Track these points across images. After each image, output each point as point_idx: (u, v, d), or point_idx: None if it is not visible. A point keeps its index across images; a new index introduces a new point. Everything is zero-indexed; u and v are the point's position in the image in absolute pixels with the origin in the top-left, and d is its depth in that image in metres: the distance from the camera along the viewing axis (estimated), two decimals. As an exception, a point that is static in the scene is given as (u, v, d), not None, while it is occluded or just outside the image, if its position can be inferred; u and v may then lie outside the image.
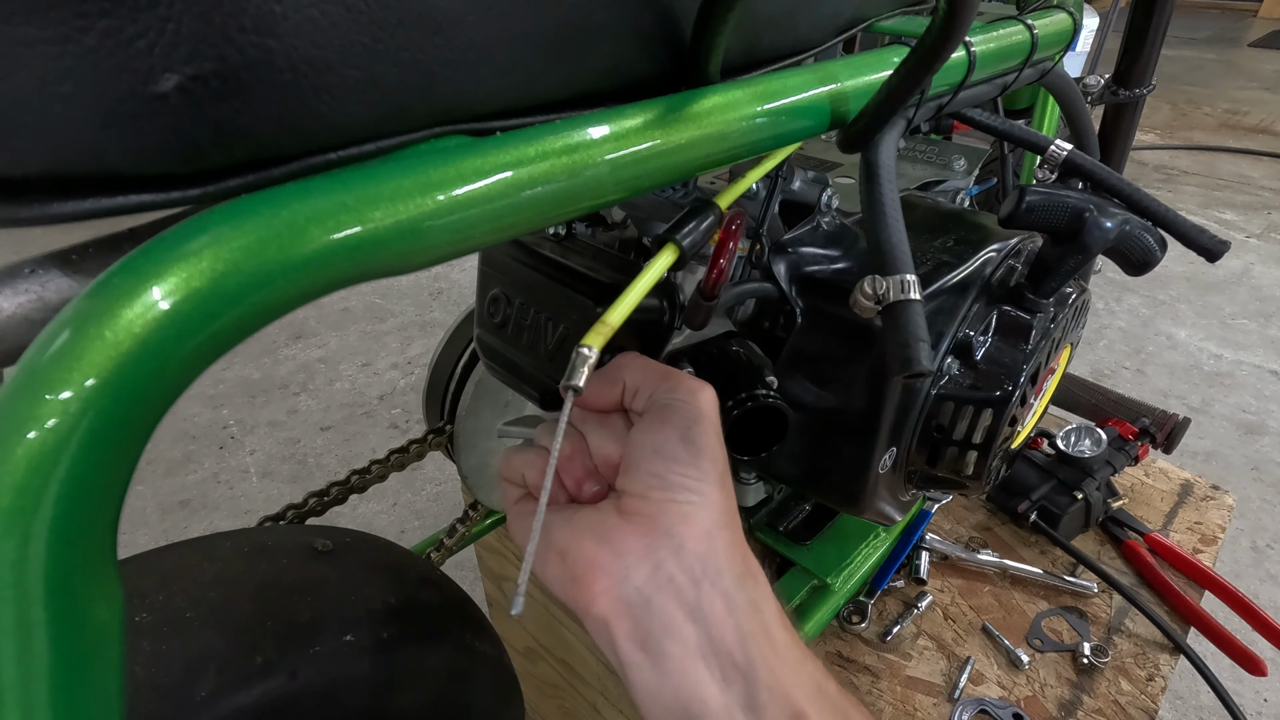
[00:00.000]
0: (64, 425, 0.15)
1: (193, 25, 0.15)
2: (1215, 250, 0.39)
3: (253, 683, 0.37)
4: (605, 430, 0.30)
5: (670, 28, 0.27)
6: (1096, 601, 0.67)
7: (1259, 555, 1.36)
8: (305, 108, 0.18)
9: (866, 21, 0.41)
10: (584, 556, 0.27)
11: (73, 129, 0.16)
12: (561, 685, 0.84)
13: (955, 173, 0.71)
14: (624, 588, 0.26)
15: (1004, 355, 0.42)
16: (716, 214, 0.30)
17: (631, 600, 0.26)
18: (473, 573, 1.23)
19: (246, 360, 1.88)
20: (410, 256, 0.20)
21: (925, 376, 0.27)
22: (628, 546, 0.26)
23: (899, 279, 0.28)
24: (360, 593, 0.45)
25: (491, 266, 0.50)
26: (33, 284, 0.19)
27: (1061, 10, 0.50)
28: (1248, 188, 2.82)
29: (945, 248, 0.46)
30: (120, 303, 0.16)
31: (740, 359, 0.41)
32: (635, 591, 0.26)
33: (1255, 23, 5.95)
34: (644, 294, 0.27)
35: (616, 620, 0.26)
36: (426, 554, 0.68)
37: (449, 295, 2.17)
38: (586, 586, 0.27)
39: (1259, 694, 1.14)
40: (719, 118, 0.27)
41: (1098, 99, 0.72)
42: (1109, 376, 1.83)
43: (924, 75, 0.27)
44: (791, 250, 0.47)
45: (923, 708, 0.58)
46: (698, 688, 0.26)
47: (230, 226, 0.17)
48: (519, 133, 0.22)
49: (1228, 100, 3.79)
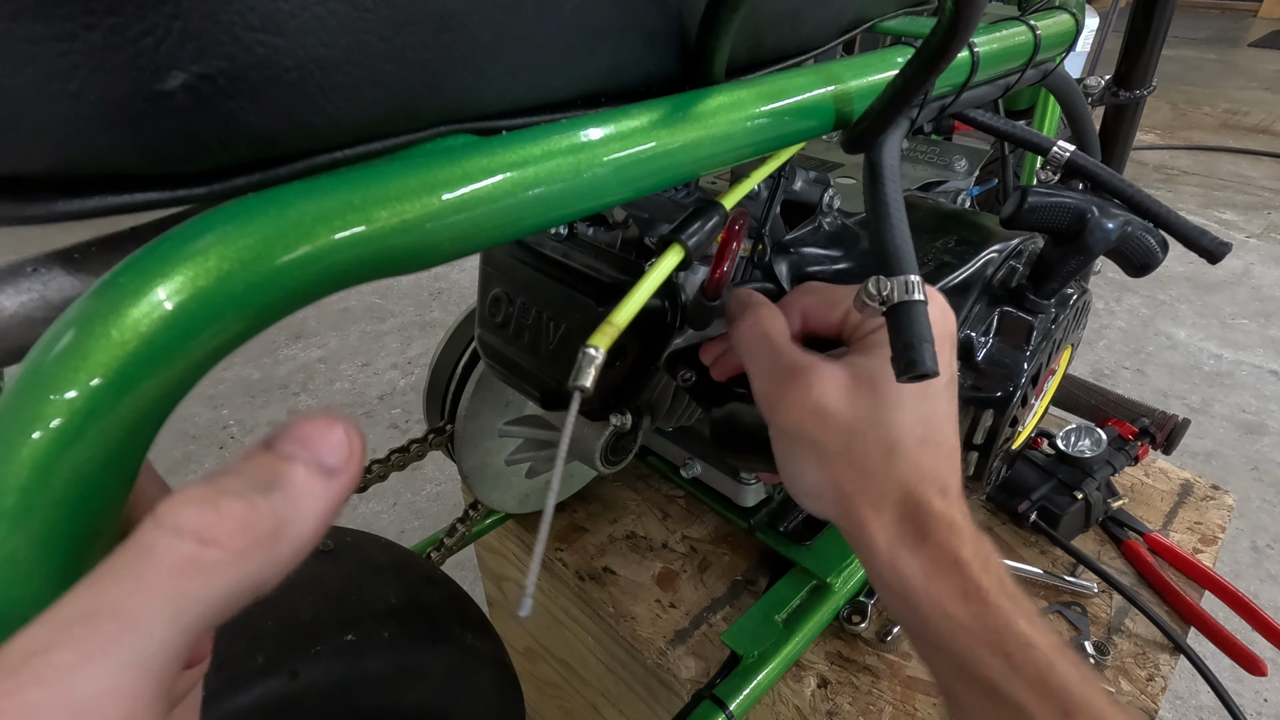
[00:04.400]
0: (69, 425, 0.15)
1: (200, 23, 0.15)
2: (1216, 252, 0.39)
3: (253, 682, 0.37)
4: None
5: (675, 28, 0.27)
6: (1096, 601, 0.67)
7: (1259, 555, 1.36)
8: (311, 106, 0.18)
9: (870, 22, 0.41)
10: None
11: (78, 127, 0.16)
12: (561, 685, 0.84)
13: (956, 173, 0.71)
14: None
15: (1005, 356, 0.42)
16: (721, 214, 0.30)
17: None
18: (473, 573, 1.23)
19: (246, 360, 1.88)
20: (416, 256, 0.20)
21: (929, 378, 0.27)
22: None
23: (903, 280, 0.28)
24: (361, 592, 0.45)
25: (493, 266, 0.50)
26: (35, 283, 0.19)
27: (1064, 11, 0.50)
28: (1248, 188, 2.82)
29: (947, 248, 0.46)
30: (126, 302, 0.16)
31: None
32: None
33: (1255, 23, 5.95)
34: (650, 294, 0.27)
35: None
36: (427, 553, 0.68)
37: (449, 295, 2.17)
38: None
39: (1259, 694, 1.14)
40: (724, 118, 0.27)
41: (1098, 100, 0.72)
42: (1109, 376, 1.83)
43: (929, 76, 0.27)
44: (793, 250, 0.47)
45: (923, 708, 0.58)
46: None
47: (236, 225, 0.17)
48: (525, 132, 0.22)
49: (1228, 100, 3.79)
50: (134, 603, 0.14)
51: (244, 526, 0.16)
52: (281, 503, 0.16)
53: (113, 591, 0.14)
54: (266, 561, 0.16)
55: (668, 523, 0.75)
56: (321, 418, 0.18)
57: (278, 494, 0.16)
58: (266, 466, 0.17)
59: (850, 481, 0.32)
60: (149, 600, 0.14)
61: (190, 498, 0.16)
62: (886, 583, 0.32)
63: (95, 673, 0.13)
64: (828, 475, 0.33)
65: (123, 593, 0.14)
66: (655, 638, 0.64)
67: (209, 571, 0.15)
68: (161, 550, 0.15)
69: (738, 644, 0.60)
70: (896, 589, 0.31)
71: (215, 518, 0.15)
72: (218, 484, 0.16)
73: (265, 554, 0.16)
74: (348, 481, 0.18)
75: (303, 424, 0.18)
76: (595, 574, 0.70)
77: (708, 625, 0.65)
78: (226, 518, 0.15)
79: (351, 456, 0.18)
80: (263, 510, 0.16)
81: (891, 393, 0.31)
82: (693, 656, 0.63)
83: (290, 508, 0.17)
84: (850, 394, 0.32)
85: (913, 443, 0.32)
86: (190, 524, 0.15)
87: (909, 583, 0.31)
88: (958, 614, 0.30)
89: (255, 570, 0.16)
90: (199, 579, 0.15)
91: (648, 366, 0.43)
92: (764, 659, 0.58)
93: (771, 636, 0.60)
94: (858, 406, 0.31)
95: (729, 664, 0.59)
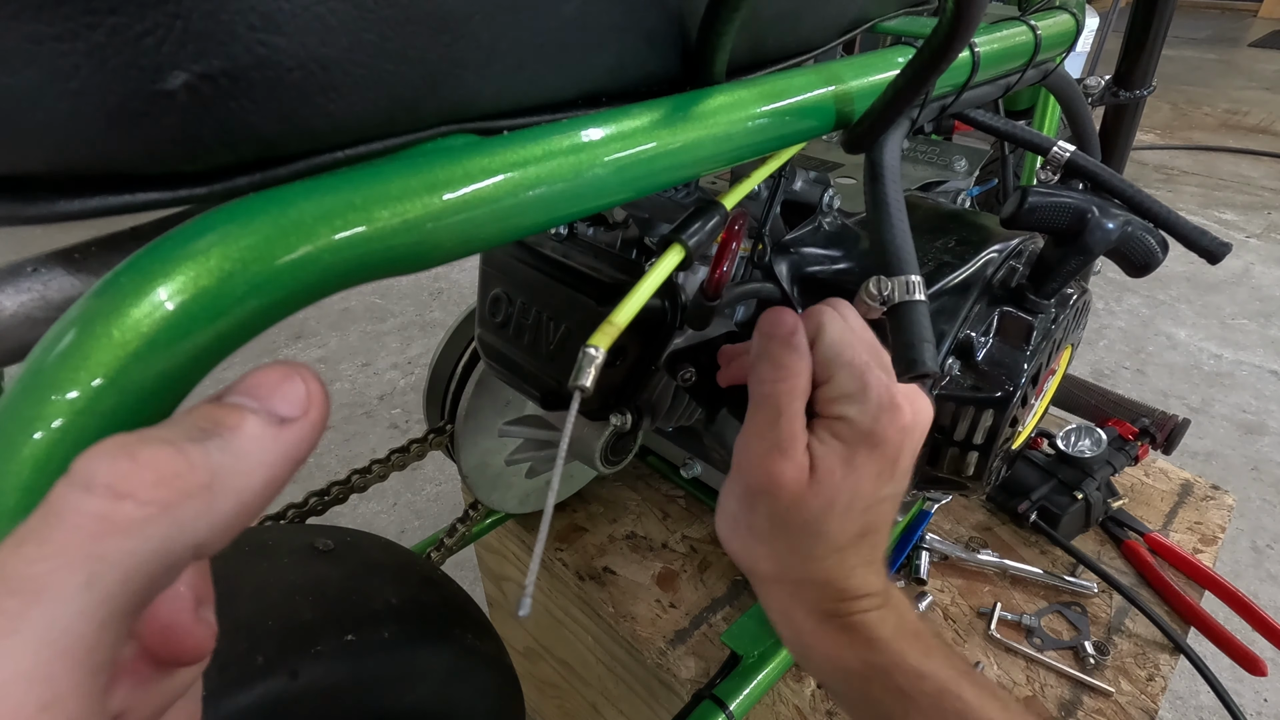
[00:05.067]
0: (70, 425, 0.15)
1: (201, 23, 0.15)
2: (1217, 252, 0.39)
3: (254, 682, 0.37)
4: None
5: (676, 28, 0.27)
6: (1096, 601, 0.67)
7: (1259, 555, 1.36)
8: (312, 106, 0.18)
9: (870, 22, 0.41)
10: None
11: (79, 126, 0.16)
12: (561, 685, 0.84)
13: (956, 173, 0.71)
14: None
15: (1005, 356, 0.42)
16: (722, 214, 0.30)
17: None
18: (473, 573, 1.23)
19: (247, 360, 1.86)
20: (417, 256, 0.20)
21: (929, 378, 0.27)
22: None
23: (904, 280, 0.28)
24: (361, 592, 0.45)
25: (493, 266, 0.50)
26: (35, 283, 0.19)
27: (1064, 11, 0.50)
28: (1248, 188, 2.82)
29: (947, 248, 0.46)
30: (127, 302, 0.16)
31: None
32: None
33: (1255, 23, 5.95)
34: (650, 294, 0.27)
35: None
36: (427, 554, 0.68)
37: (449, 295, 2.17)
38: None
39: (1259, 694, 1.14)
40: (724, 118, 0.27)
41: (1098, 100, 0.72)
42: (1109, 376, 1.83)
43: (930, 76, 0.27)
44: (793, 251, 0.47)
45: (923, 708, 0.58)
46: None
47: (237, 225, 0.17)
48: (525, 132, 0.22)
49: (1228, 100, 3.79)
50: (38, 571, 0.12)
51: (167, 477, 0.13)
52: (219, 451, 0.14)
53: (12, 561, 0.12)
54: (201, 516, 0.14)
55: (668, 523, 0.75)
56: (277, 365, 0.16)
57: (215, 442, 0.14)
58: (205, 415, 0.15)
59: (783, 554, 0.35)
60: (56, 568, 0.12)
61: (106, 449, 0.13)
62: (782, 633, 0.38)
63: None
64: (762, 538, 0.35)
65: (24, 561, 0.12)
66: (655, 638, 0.64)
67: (126, 530, 0.13)
68: (70, 509, 0.13)
69: (738, 644, 0.60)
70: (792, 641, 0.37)
71: (131, 468, 0.13)
72: (142, 434, 0.14)
73: (198, 508, 0.14)
74: (307, 429, 0.16)
75: (255, 374, 0.16)
76: (595, 574, 0.70)
77: (708, 625, 0.65)
78: (145, 467, 0.13)
79: (310, 404, 0.16)
80: (194, 459, 0.14)
81: (844, 494, 0.33)
82: (693, 656, 0.63)
83: (231, 456, 0.14)
84: (816, 486, 0.33)
85: (848, 539, 0.34)
86: (102, 476, 0.13)
87: (803, 637, 0.36)
88: (845, 659, 0.34)
89: (187, 527, 0.14)
90: (114, 539, 0.13)
91: (648, 366, 0.43)
92: (764, 659, 0.58)
93: (771, 636, 0.60)
94: (818, 497, 0.33)
95: (729, 664, 0.59)
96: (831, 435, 0.33)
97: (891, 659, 0.34)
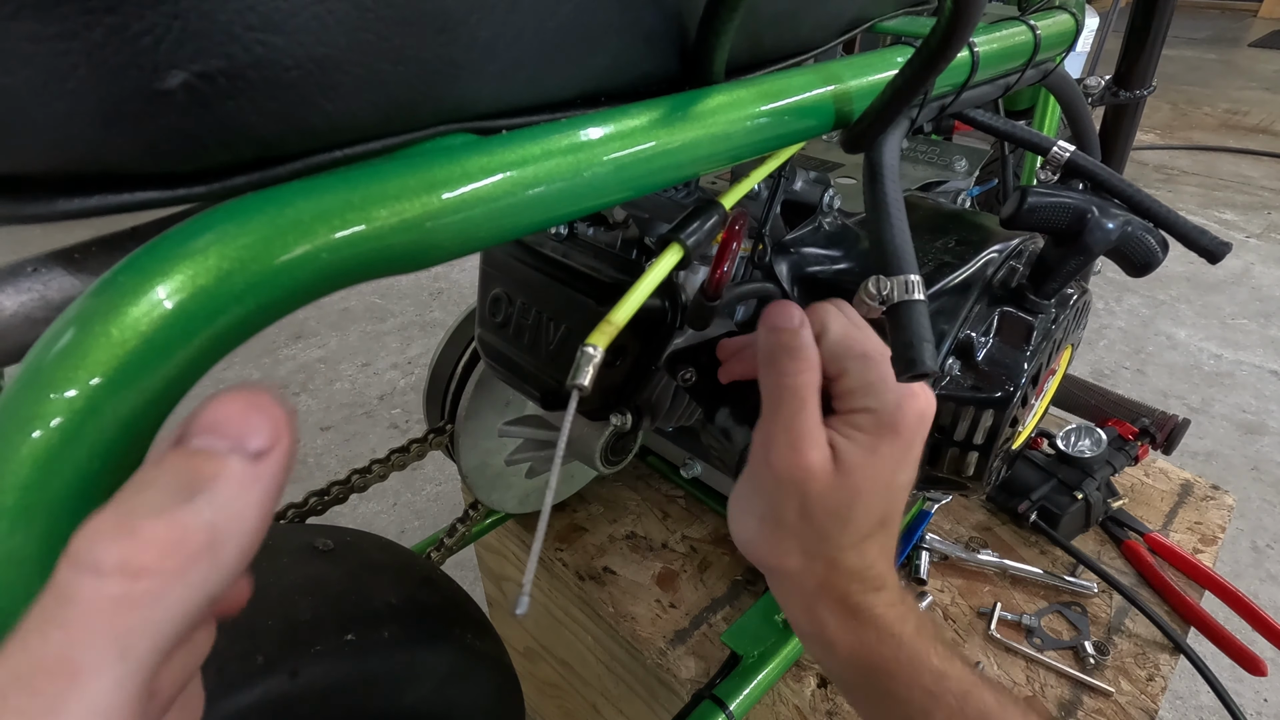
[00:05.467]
0: (69, 424, 0.15)
1: (199, 22, 0.15)
2: (1217, 252, 0.39)
3: (253, 682, 0.37)
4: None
5: (675, 27, 0.27)
6: (1096, 601, 0.67)
7: (1259, 555, 1.36)
8: (310, 105, 0.18)
9: (869, 21, 0.41)
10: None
11: (77, 126, 0.16)
12: (561, 685, 0.84)
13: (956, 173, 0.71)
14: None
15: (1005, 356, 0.42)
16: (721, 214, 0.30)
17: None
18: (473, 573, 1.23)
19: (246, 360, 1.88)
20: (415, 255, 0.20)
21: (929, 378, 0.27)
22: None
23: (903, 279, 0.28)
24: (361, 592, 0.45)
25: (493, 266, 0.50)
26: (35, 282, 0.19)
27: (1064, 11, 0.50)
28: (1248, 188, 2.82)
29: (947, 248, 0.46)
30: (126, 301, 0.16)
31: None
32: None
33: (1255, 23, 5.95)
34: (649, 293, 0.27)
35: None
36: (427, 553, 0.68)
37: (449, 295, 2.17)
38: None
39: (1259, 694, 1.14)
40: (723, 117, 0.27)
41: (1098, 100, 0.72)
42: (1109, 376, 1.83)
43: (929, 76, 0.27)
44: (794, 250, 0.47)
45: (923, 708, 0.58)
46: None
47: (235, 224, 0.17)
48: (524, 131, 0.22)
49: (1228, 100, 3.79)
50: (72, 655, 0.13)
51: (172, 547, 0.14)
52: (209, 507, 0.15)
53: (43, 649, 0.13)
54: (210, 572, 0.14)
55: (668, 523, 0.75)
56: (236, 395, 0.16)
57: (203, 499, 0.15)
58: (184, 470, 0.15)
59: (810, 545, 0.35)
60: (87, 649, 0.13)
61: (103, 529, 0.14)
62: (804, 631, 0.37)
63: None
64: (790, 531, 0.35)
65: (55, 646, 0.13)
66: (655, 638, 0.64)
67: (146, 604, 0.13)
68: (85, 595, 0.13)
69: (738, 644, 0.60)
70: (814, 637, 0.36)
71: (136, 546, 0.14)
72: (131, 504, 0.14)
73: (206, 567, 0.14)
74: (281, 457, 0.16)
75: (215, 408, 0.16)
76: (595, 574, 0.70)
77: (708, 625, 0.65)
78: (150, 543, 0.14)
79: (278, 430, 0.16)
80: (189, 523, 0.14)
81: (869, 481, 0.33)
82: (693, 656, 0.63)
83: (221, 510, 0.15)
84: (843, 475, 0.33)
85: (871, 525, 0.34)
86: (110, 560, 0.13)
87: (826, 633, 0.35)
88: (870, 656, 0.34)
89: (199, 585, 0.14)
90: (137, 614, 0.13)
91: (648, 366, 0.43)
92: (764, 659, 0.58)
93: (771, 636, 0.60)
94: (846, 485, 0.33)
95: (729, 664, 0.59)
96: (851, 428, 0.33)
97: (915, 657, 0.34)
